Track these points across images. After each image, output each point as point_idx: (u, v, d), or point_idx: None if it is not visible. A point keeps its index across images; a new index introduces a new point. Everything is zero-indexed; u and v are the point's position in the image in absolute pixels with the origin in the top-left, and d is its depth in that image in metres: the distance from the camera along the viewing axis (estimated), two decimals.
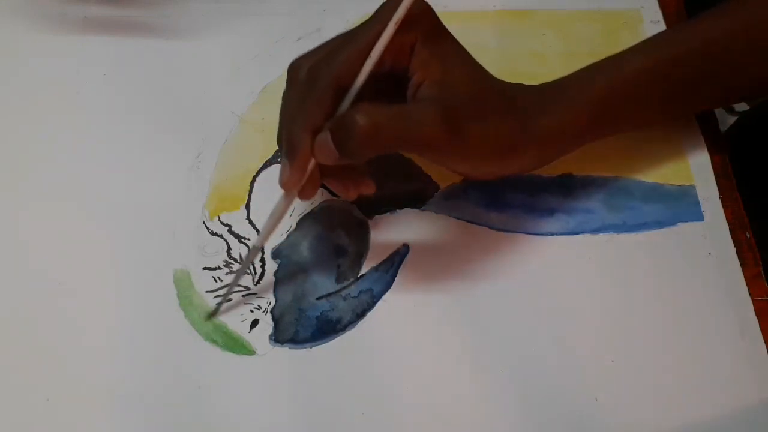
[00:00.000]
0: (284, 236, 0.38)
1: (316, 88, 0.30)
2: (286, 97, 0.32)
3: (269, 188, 0.39)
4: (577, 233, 0.38)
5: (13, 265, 0.37)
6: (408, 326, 0.36)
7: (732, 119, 0.60)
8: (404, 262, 0.37)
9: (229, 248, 0.38)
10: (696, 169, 0.40)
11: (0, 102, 0.41)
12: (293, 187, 0.32)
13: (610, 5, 0.46)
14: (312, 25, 0.36)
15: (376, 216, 0.39)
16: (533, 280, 0.37)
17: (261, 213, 0.39)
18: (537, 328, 0.36)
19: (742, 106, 0.61)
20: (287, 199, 0.33)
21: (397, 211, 0.39)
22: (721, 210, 0.39)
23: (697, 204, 0.39)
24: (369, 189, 0.34)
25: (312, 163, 0.31)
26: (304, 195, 0.33)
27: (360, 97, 0.31)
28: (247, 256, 0.37)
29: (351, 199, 0.34)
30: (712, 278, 0.37)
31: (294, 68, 0.32)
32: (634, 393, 0.35)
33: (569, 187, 0.40)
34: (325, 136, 0.30)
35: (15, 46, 0.43)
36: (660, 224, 0.39)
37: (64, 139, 0.40)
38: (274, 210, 0.33)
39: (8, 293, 0.36)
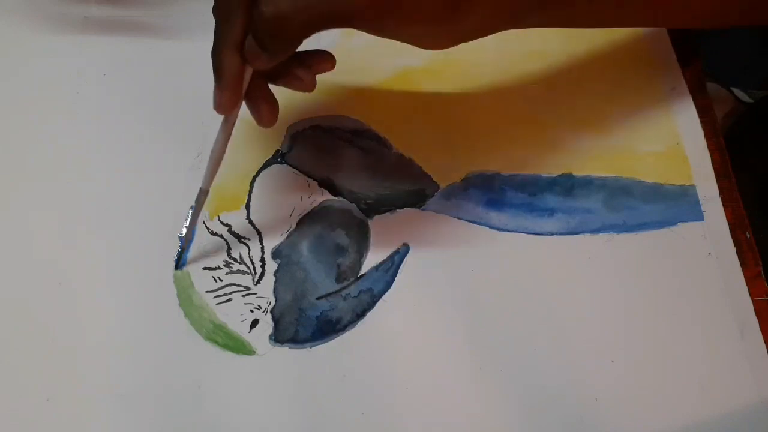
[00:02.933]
0: (284, 236, 0.38)
1: (226, 5, 0.29)
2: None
3: (269, 188, 0.39)
4: (577, 233, 0.38)
5: (13, 265, 0.37)
6: (408, 326, 0.36)
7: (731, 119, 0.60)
8: (404, 262, 0.37)
9: (229, 248, 0.38)
10: (696, 169, 0.40)
11: (0, 102, 0.41)
12: (228, 107, 0.30)
13: None
14: None
15: (376, 216, 0.39)
16: (533, 280, 0.37)
17: (261, 213, 0.39)
18: (537, 328, 0.36)
19: (745, 98, 0.61)
20: (226, 126, 0.32)
21: (397, 211, 0.39)
22: (721, 210, 0.39)
23: (697, 204, 0.39)
24: (327, 64, 0.32)
25: (247, 78, 0.30)
26: (262, 118, 0.31)
27: None
28: (197, 199, 0.35)
29: (311, 89, 0.32)
30: (712, 278, 0.37)
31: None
32: (634, 393, 0.35)
33: (569, 187, 0.40)
34: (250, 40, 0.29)
35: (15, 46, 0.43)
36: (660, 224, 0.39)
37: (64, 139, 0.40)
38: (214, 143, 0.33)
39: (8, 293, 0.36)
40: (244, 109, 0.32)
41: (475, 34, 0.32)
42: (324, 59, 0.32)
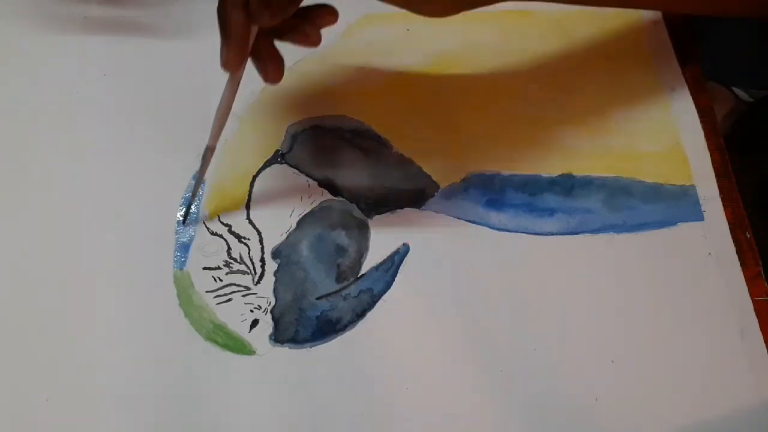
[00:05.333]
0: (284, 236, 0.38)
1: None
2: None
3: (269, 188, 0.39)
4: (577, 233, 0.38)
5: (13, 266, 0.37)
6: (408, 326, 0.36)
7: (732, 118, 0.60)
8: (404, 262, 0.37)
9: (229, 248, 0.38)
10: (696, 169, 0.40)
11: (0, 102, 0.41)
12: (233, 64, 0.30)
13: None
14: None
15: (376, 216, 0.39)
16: (533, 280, 0.37)
17: (261, 213, 0.39)
18: (537, 328, 0.36)
19: (746, 97, 0.61)
20: (232, 84, 0.32)
21: (397, 211, 0.39)
22: (722, 210, 0.39)
23: (697, 204, 0.39)
24: (330, 18, 0.32)
25: (252, 36, 0.30)
26: (267, 75, 0.31)
27: None
28: (203, 155, 0.36)
29: (317, 44, 0.32)
30: (712, 278, 0.37)
31: None
32: (634, 393, 0.35)
33: (569, 187, 0.40)
34: None
35: (15, 46, 0.43)
36: (660, 224, 0.39)
37: (64, 139, 0.40)
38: (220, 101, 0.33)
39: (8, 293, 0.36)
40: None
41: (476, 1, 0.31)
42: (327, 13, 0.32)
